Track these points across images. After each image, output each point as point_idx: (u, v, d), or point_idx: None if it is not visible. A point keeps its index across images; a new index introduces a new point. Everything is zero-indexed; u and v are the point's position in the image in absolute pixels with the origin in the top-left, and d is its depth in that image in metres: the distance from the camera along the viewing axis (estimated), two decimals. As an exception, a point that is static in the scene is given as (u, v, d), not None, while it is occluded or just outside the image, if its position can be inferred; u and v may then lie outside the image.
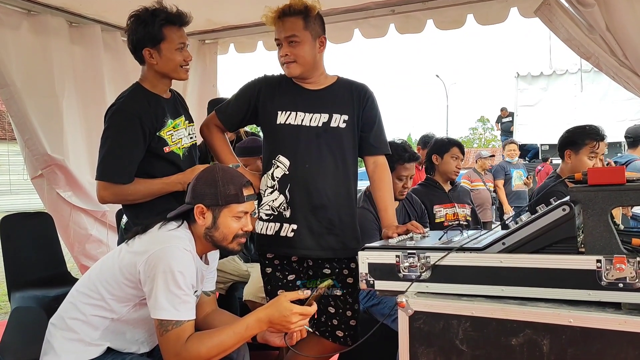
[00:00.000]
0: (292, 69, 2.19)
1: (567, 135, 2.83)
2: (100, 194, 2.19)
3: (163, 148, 2.22)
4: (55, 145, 3.47)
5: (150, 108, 2.20)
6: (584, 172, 1.59)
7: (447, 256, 1.62)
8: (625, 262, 1.41)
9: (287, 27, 2.15)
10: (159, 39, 2.16)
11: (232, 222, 1.82)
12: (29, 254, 3.43)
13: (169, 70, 2.23)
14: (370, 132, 2.29)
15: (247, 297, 3.07)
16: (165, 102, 2.29)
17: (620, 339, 1.37)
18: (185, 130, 2.33)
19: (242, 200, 1.82)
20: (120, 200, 2.24)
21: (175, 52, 2.20)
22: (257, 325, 1.72)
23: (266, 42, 4.09)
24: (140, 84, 2.27)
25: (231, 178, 1.84)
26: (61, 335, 1.79)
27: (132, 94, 2.24)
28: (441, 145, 3.34)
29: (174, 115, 2.29)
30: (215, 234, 1.83)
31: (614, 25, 2.75)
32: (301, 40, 2.15)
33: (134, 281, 1.74)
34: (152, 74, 2.25)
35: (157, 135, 2.20)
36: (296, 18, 2.15)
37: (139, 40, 2.18)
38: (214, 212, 1.82)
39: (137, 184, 2.17)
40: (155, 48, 2.17)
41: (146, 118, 2.16)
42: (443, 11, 3.49)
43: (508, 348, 1.48)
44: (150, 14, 2.16)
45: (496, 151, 14.16)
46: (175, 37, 2.19)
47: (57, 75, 3.48)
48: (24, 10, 3.37)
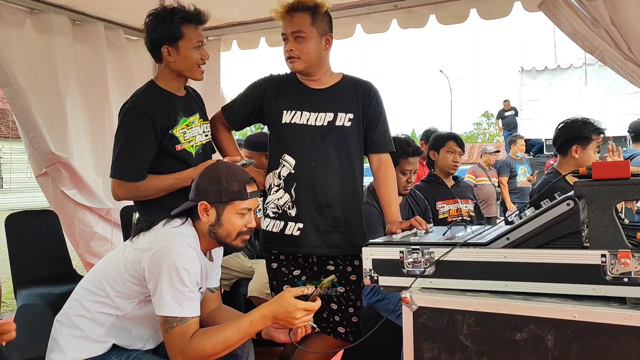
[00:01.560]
0: (296, 65, 2.19)
1: (571, 130, 2.77)
2: (114, 192, 2.23)
3: (175, 146, 2.23)
4: (59, 144, 3.49)
5: (162, 106, 2.21)
6: (588, 166, 1.58)
7: (451, 252, 1.62)
8: (630, 256, 1.41)
9: (294, 22, 2.16)
10: (178, 36, 2.18)
11: (236, 219, 1.82)
12: (34, 252, 3.46)
13: (185, 68, 2.24)
14: (375, 130, 2.29)
15: (251, 294, 3.08)
16: (179, 99, 2.30)
17: (625, 333, 1.36)
18: (200, 128, 2.34)
19: (246, 197, 1.82)
20: (135, 197, 2.27)
21: (193, 50, 2.21)
22: (262, 321, 1.72)
23: (269, 38, 4.09)
24: (154, 82, 2.29)
25: (235, 175, 1.84)
26: (67, 332, 1.80)
27: (144, 92, 2.26)
28: (437, 141, 3.33)
29: (188, 113, 2.30)
30: (219, 230, 1.83)
31: (618, 19, 2.73)
32: (307, 36, 2.15)
33: (139, 278, 1.75)
34: (168, 71, 2.26)
35: (170, 133, 2.21)
36: (304, 14, 2.15)
37: (157, 38, 2.19)
38: (218, 209, 1.82)
39: (150, 180, 2.19)
40: (173, 46, 2.19)
41: (157, 116, 2.18)
42: (446, 6, 3.48)
43: (512, 343, 1.48)
44: (169, 12, 2.18)
45: (500, 146, 14.10)
46: (194, 35, 2.20)
47: (60, 74, 3.49)
48: (27, 9, 3.39)
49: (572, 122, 2.79)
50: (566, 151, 2.77)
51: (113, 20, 3.88)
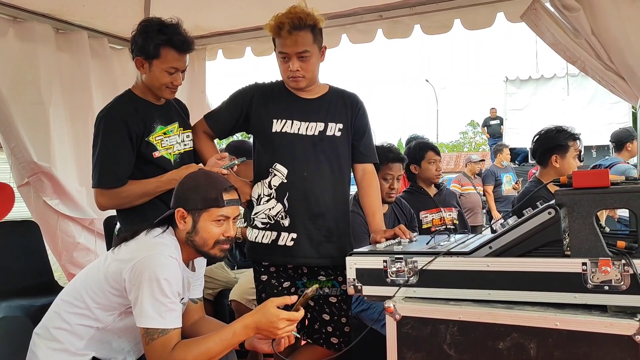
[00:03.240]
0: (301, 83, 2.18)
1: (548, 140, 2.79)
2: (97, 201, 2.22)
3: (152, 153, 2.22)
4: (42, 153, 3.44)
5: (138, 113, 2.21)
6: (568, 175, 1.59)
7: (434, 261, 1.62)
8: (610, 264, 1.42)
9: (299, 42, 2.10)
10: (153, 55, 2.17)
11: (212, 227, 1.80)
12: (15, 263, 3.41)
13: (152, 86, 2.24)
14: (361, 141, 2.30)
15: (232, 297, 3.07)
16: (156, 107, 2.29)
17: (606, 341, 1.37)
18: (179, 137, 2.33)
19: (222, 204, 1.80)
20: (118, 204, 2.25)
21: (164, 72, 2.19)
22: (244, 332, 1.70)
23: (255, 48, 4.09)
24: (131, 90, 2.29)
25: (213, 182, 1.83)
26: (45, 345, 1.77)
27: (119, 99, 2.27)
28: (415, 154, 3.33)
29: (166, 122, 2.29)
30: (196, 238, 1.81)
31: (599, 30, 2.78)
32: (311, 54, 2.14)
33: (120, 289, 1.72)
34: (143, 82, 2.26)
35: (146, 140, 2.21)
36: (306, 32, 2.11)
37: (135, 48, 2.20)
38: (194, 216, 1.80)
39: (132, 185, 2.18)
40: (147, 60, 2.19)
41: (132, 122, 2.18)
42: (430, 16, 3.52)
43: (495, 352, 1.48)
44: (156, 29, 2.16)
45: (486, 155, 14.22)
46: (170, 60, 2.18)
47: (43, 82, 3.45)
48: (9, 17, 3.35)
49: (547, 132, 2.82)
50: (546, 162, 2.79)
51: (97, 29, 3.86)
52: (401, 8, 3.54)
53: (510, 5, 3.28)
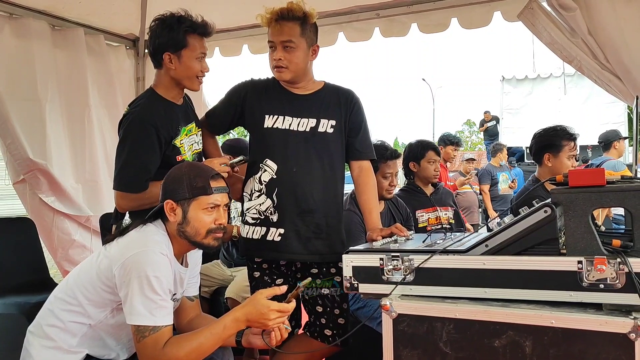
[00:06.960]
0: (283, 74, 2.17)
1: (542, 139, 2.82)
2: (118, 203, 2.19)
3: (176, 157, 2.19)
4: (37, 150, 3.43)
5: (166, 116, 2.17)
6: (564, 174, 1.60)
7: (431, 259, 1.62)
8: (605, 263, 1.42)
9: (284, 32, 2.13)
10: (182, 45, 2.14)
11: (203, 216, 1.79)
12: (10, 260, 3.40)
13: (185, 77, 2.20)
14: (357, 138, 2.30)
15: (228, 295, 3.07)
16: (179, 108, 2.26)
17: (601, 339, 1.37)
18: (197, 137, 2.32)
19: (210, 192, 1.79)
20: (139, 206, 2.19)
21: (195, 60, 2.18)
22: (235, 325, 1.70)
23: (251, 45, 4.09)
24: (155, 90, 2.24)
25: (199, 171, 1.83)
26: (39, 343, 1.76)
27: (148, 101, 2.20)
28: (416, 152, 3.34)
29: (186, 122, 2.27)
30: (187, 229, 1.79)
31: (595, 29, 2.79)
32: (296, 46, 2.14)
33: (111, 286, 1.72)
34: (168, 79, 2.21)
35: (172, 144, 2.18)
36: (294, 23, 2.13)
37: (161, 44, 2.15)
38: (184, 207, 1.79)
39: (154, 187, 2.12)
40: (176, 54, 2.15)
41: (162, 126, 2.13)
42: (427, 15, 3.52)
43: (491, 350, 1.48)
44: (176, 20, 2.14)
45: (482, 154, 14.24)
46: (198, 46, 2.17)
47: (39, 79, 3.44)
48: (5, 14, 3.34)
49: (545, 131, 2.84)
50: (540, 160, 2.81)
51: (93, 25, 3.85)
52: (398, 7, 3.54)
53: (507, 5, 3.28)
